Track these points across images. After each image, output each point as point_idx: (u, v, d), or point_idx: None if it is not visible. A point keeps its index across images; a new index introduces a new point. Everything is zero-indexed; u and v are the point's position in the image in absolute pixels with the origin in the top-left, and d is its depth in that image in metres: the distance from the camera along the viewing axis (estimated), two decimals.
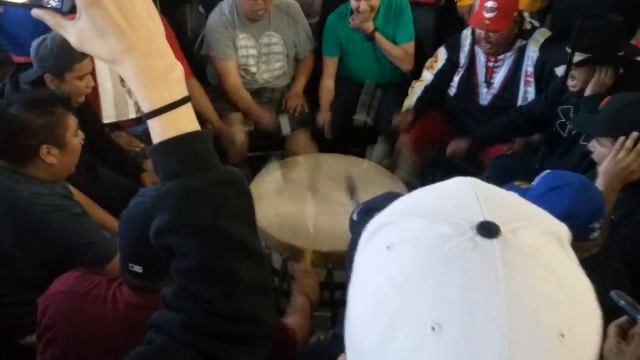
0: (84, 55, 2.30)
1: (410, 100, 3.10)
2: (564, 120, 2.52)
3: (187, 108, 0.76)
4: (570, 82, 2.35)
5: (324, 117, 3.26)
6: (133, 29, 0.70)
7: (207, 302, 0.73)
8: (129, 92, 2.78)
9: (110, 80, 2.71)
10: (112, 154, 2.67)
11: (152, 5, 0.74)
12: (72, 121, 1.88)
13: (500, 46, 2.78)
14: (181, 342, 0.72)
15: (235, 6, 3.05)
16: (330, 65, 3.34)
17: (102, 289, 1.38)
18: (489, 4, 2.65)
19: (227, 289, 0.74)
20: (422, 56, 3.26)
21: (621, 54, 2.34)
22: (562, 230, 0.51)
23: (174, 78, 0.74)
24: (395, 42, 3.22)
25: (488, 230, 0.46)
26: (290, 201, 2.43)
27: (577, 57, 2.26)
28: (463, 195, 0.51)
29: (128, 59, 0.71)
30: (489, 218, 0.47)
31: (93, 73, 2.53)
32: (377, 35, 3.13)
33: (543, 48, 2.68)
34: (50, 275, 1.53)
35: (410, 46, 3.23)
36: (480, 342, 0.42)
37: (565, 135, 2.53)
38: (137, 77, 0.72)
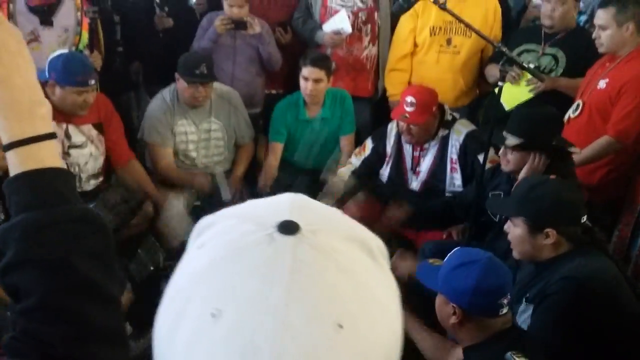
0: None
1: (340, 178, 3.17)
2: None
3: (50, 145, 0.73)
4: (503, 162, 2.41)
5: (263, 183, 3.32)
6: (1, 62, 0.72)
7: (48, 345, 0.64)
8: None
9: None
10: None
11: (25, 46, 0.76)
12: None
13: (421, 137, 2.93)
14: None
15: (176, 93, 3.15)
16: (276, 150, 3.40)
17: None
18: (409, 99, 2.81)
19: (71, 331, 0.66)
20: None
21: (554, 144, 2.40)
22: (374, 243, 0.52)
23: (39, 114, 0.74)
24: (338, 134, 3.38)
25: (287, 227, 0.47)
26: None
27: (511, 139, 2.35)
28: (279, 203, 0.52)
29: None
30: (293, 219, 0.48)
31: None
32: None
33: (467, 138, 2.83)
34: None
35: (352, 137, 3.40)
36: (256, 329, 0.42)
37: (496, 220, 2.57)
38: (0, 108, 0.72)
